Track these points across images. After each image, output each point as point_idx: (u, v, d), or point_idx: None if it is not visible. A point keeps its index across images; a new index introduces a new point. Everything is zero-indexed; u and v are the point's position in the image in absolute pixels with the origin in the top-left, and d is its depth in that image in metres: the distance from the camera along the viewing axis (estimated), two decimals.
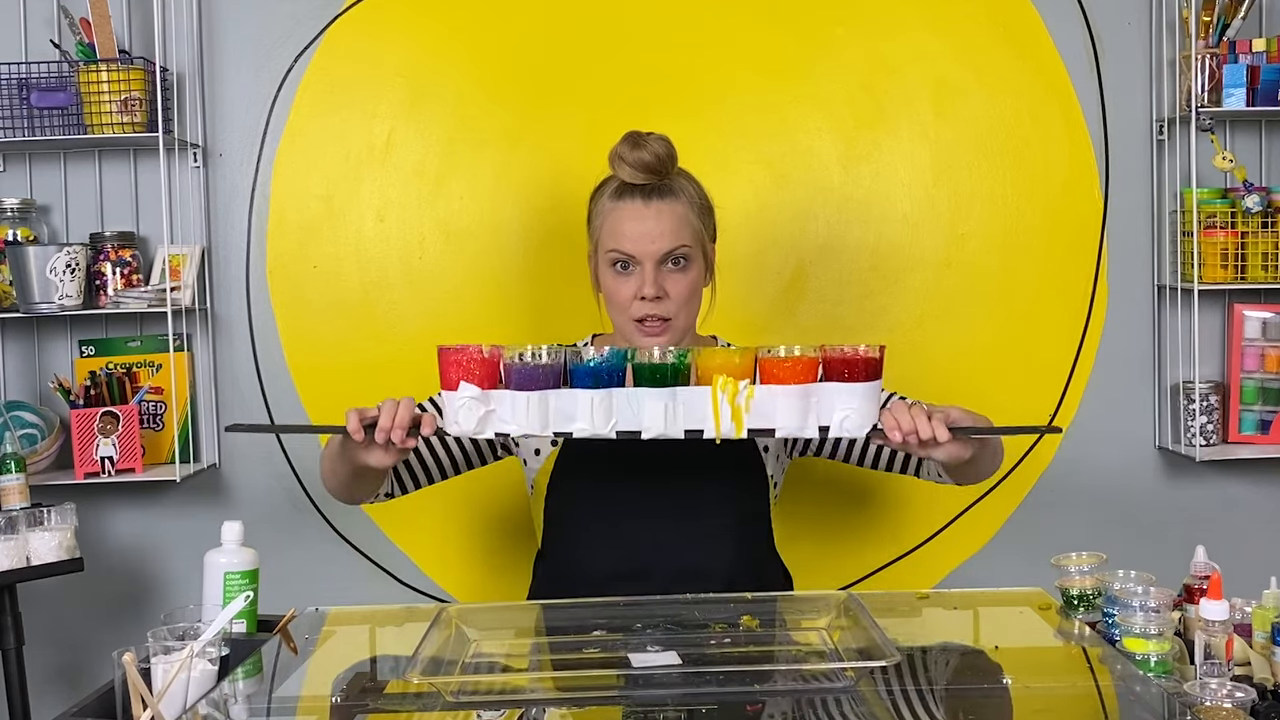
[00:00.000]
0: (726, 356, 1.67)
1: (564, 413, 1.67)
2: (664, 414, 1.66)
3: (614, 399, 1.66)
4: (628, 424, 1.67)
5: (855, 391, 1.65)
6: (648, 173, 1.92)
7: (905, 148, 2.59)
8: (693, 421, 1.67)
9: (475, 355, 1.66)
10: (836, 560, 2.61)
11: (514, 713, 1.45)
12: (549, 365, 1.66)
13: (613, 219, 1.94)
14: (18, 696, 2.29)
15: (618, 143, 1.94)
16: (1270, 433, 2.55)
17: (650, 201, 1.93)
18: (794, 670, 1.57)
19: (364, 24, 2.57)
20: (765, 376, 1.67)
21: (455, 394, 1.66)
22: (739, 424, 1.66)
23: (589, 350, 1.67)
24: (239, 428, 1.91)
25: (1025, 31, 2.58)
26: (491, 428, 1.68)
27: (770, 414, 1.66)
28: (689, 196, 1.96)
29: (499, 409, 1.67)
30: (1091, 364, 2.61)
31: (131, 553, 2.61)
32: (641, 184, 1.93)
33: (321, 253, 2.59)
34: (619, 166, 1.93)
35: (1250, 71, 2.44)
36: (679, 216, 1.93)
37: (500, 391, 1.67)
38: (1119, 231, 2.61)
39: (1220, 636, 1.43)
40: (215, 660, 1.55)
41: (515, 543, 2.48)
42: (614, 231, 1.94)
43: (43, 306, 2.41)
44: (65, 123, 2.47)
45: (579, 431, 1.67)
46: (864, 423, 1.67)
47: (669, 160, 1.94)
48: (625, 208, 1.93)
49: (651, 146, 1.92)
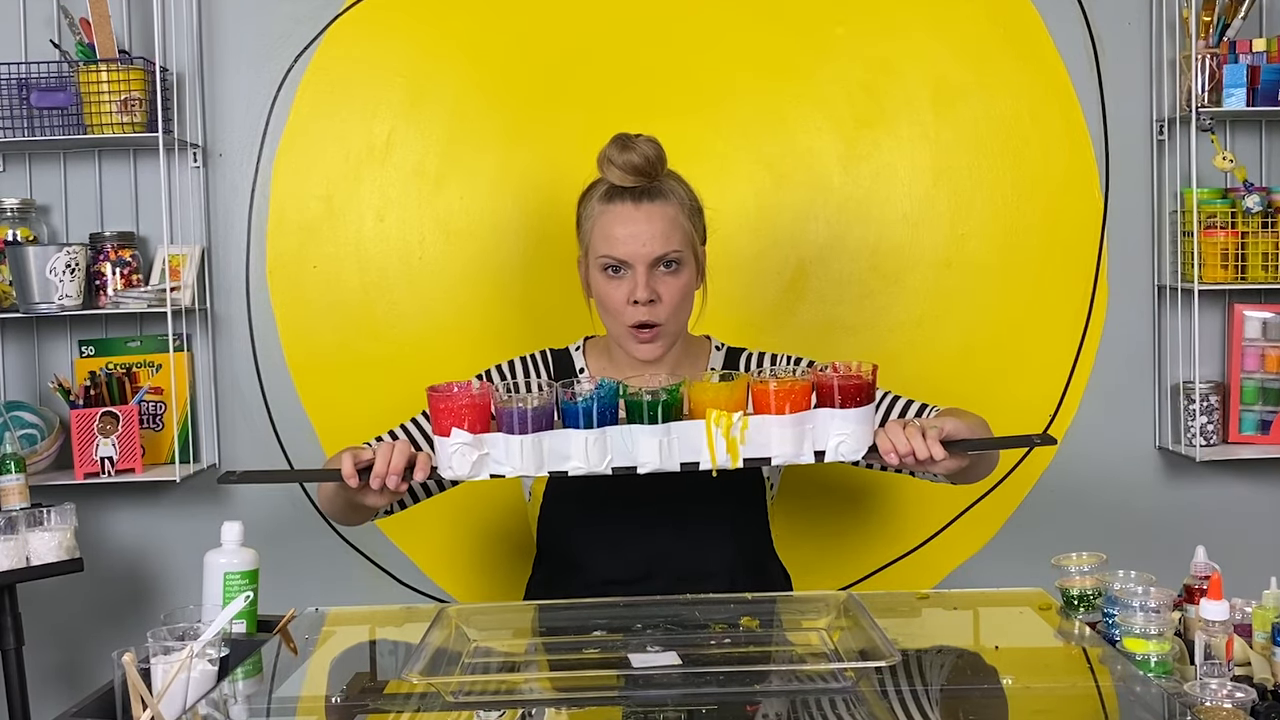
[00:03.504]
0: (717, 391, 1.68)
1: (558, 453, 1.68)
2: (659, 449, 1.68)
3: (608, 437, 1.67)
4: (623, 460, 1.68)
5: (849, 417, 1.67)
6: (637, 175, 1.90)
7: (905, 148, 2.59)
8: (688, 454, 1.68)
9: (464, 400, 1.66)
10: (836, 560, 2.61)
11: (514, 713, 1.45)
12: (540, 406, 1.66)
13: (603, 223, 1.93)
14: (18, 696, 2.29)
15: (606, 145, 1.93)
16: (1270, 433, 2.55)
17: (640, 204, 1.91)
18: (794, 671, 1.57)
19: (364, 24, 2.57)
20: (758, 406, 1.68)
21: (447, 440, 1.66)
22: (735, 455, 1.68)
23: (580, 386, 1.67)
24: (231, 478, 1.79)
25: (1025, 31, 2.58)
26: (486, 470, 1.68)
27: (765, 443, 1.67)
28: (679, 198, 1.95)
29: (493, 452, 1.68)
30: (1091, 364, 2.61)
31: (131, 553, 2.61)
32: (631, 186, 1.92)
33: (321, 253, 2.59)
34: (607, 169, 1.92)
35: (1250, 71, 2.44)
36: (669, 219, 1.92)
37: (493, 435, 1.67)
38: (1119, 231, 2.61)
39: (1220, 637, 1.42)
40: (215, 660, 1.55)
41: (515, 543, 2.48)
42: (605, 235, 1.92)
43: (42, 306, 2.41)
44: (65, 123, 2.47)
45: (574, 470, 1.68)
46: (859, 446, 1.69)
47: (658, 162, 1.92)
48: (615, 211, 1.92)
49: (640, 148, 1.90)
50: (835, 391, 1.66)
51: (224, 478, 1.79)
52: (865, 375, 1.68)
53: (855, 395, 1.66)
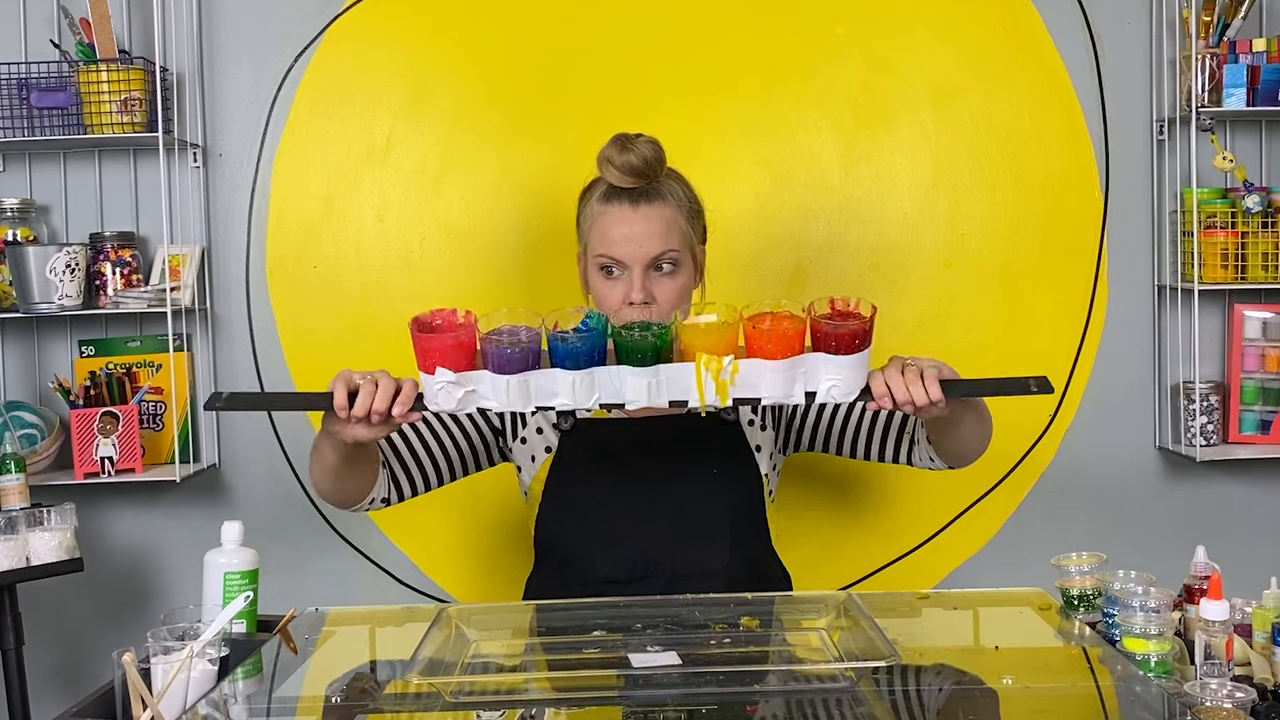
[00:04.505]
0: (708, 334, 1.64)
1: (545, 390, 1.66)
2: (647, 389, 1.66)
3: (595, 377, 1.65)
4: (611, 397, 1.67)
5: (843, 364, 1.65)
6: (635, 176, 1.90)
7: (905, 148, 2.59)
8: (676, 394, 1.66)
9: (449, 341, 1.63)
10: (836, 560, 2.61)
11: (514, 713, 1.45)
12: (527, 346, 1.64)
13: (601, 223, 1.93)
14: (18, 696, 2.29)
15: (606, 145, 1.92)
16: (1270, 433, 2.55)
17: (638, 206, 1.91)
18: (794, 670, 1.57)
19: (364, 24, 2.57)
20: (750, 347, 1.65)
21: (432, 378, 1.65)
22: (724, 396, 1.66)
23: (570, 321, 1.64)
24: (217, 402, 1.75)
25: (1025, 31, 2.58)
26: (472, 405, 1.67)
27: (755, 385, 1.66)
28: (678, 199, 1.95)
29: (479, 389, 1.66)
30: (1091, 364, 2.61)
31: (131, 553, 2.61)
32: (629, 187, 1.92)
33: (321, 253, 2.59)
34: (606, 169, 1.92)
35: (1250, 71, 2.44)
36: (667, 220, 1.92)
37: (479, 373, 1.65)
38: (1119, 231, 2.61)
39: (1220, 636, 1.42)
40: (215, 660, 1.55)
41: (515, 542, 2.48)
42: (602, 236, 1.92)
43: (42, 306, 2.41)
44: (65, 123, 2.47)
45: (561, 405, 1.67)
46: (852, 390, 1.67)
47: (657, 163, 1.92)
48: (613, 212, 1.92)
49: (639, 149, 1.90)
50: (830, 338, 1.64)
51: (211, 401, 1.75)
52: (863, 318, 1.65)
53: (851, 341, 1.64)
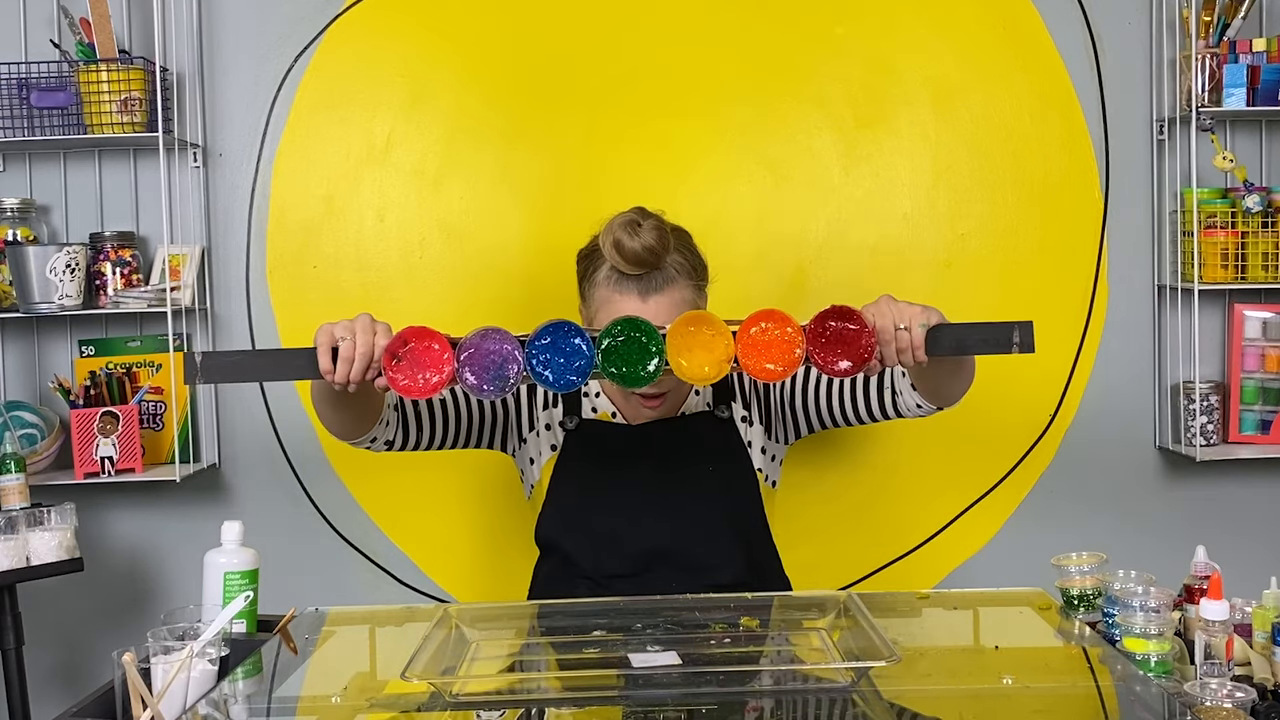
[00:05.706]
0: (703, 370, 1.66)
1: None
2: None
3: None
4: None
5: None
6: (640, 265, 1.89)
7: (905, 148, 2.59)
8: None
9: (434, 383, 1.72)
10: (836, 560, 2.61)
11: (514, 713, 1.45)
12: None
13: (609, 309, 1.90)
14: (18, 696, 2.29)
15: (610, 225, 1.91)
16: (1270, 433, 2.55)
17: (648, 298, 1.90)
18: (794, 670, 1.57)
19: (364, 24, 2.57)
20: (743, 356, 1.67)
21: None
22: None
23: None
24: (194, 371, 1.70)
25: (1025, 31, 2.58)
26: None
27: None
28: (685, 274, 1.93)
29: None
30: (1091, 364, 2.61)
31: (131, 553, 2.61)
32: (635, 274, 1.90)
33: (321, 253, 2.59)
34: (611, 256, 1.90)
35: (1250, 71, 2.44)
36: (676, 303, 1.90)
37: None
38: (1119, 231, 2.61)
39: (1220, 636, 1.42)
40: (215, 660, 1.55)
41: (515, 542, 2.47)
42: (611, 318, 1.88)
43: (43, 306, 2.41)
44: (65, 123, 2.47)
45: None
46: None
47: (662, 251, 1.90)
48: (620, 302, 1.90)
49: (643, 238, 1.88)
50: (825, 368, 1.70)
51: (188, 373, 1.70)
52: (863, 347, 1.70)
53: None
